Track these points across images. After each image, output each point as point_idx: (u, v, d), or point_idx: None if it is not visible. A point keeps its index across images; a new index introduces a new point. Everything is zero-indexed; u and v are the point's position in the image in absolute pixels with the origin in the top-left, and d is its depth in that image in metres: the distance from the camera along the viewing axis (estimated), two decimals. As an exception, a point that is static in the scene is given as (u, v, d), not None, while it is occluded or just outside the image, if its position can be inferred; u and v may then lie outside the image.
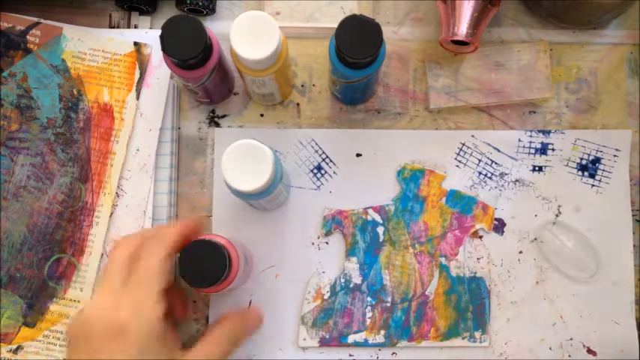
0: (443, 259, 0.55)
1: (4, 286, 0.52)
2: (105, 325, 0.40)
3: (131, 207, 0.54)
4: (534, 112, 0.57)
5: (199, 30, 0.46)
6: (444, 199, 0.55)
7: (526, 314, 0.54)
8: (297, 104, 0.57)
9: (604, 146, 0.56)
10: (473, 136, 0.56)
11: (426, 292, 0.54)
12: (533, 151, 0.56)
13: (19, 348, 0.52)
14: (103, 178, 0.54)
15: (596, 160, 0.56)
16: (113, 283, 0.42)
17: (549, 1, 0.55)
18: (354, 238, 0.55)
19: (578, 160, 0.56)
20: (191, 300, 0.55)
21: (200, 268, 0.44)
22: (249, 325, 0.50)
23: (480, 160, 0.56)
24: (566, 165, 0.56)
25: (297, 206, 0.55)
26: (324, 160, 0.56)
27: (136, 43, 0.55)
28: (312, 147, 0.56)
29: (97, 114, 0.55)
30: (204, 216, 0.56)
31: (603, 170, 0.56)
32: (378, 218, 0.55)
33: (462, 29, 0.51)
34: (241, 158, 0.45)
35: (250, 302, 0.54)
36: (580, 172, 0.56)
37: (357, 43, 0.45)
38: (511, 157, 0.56)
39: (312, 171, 0.56)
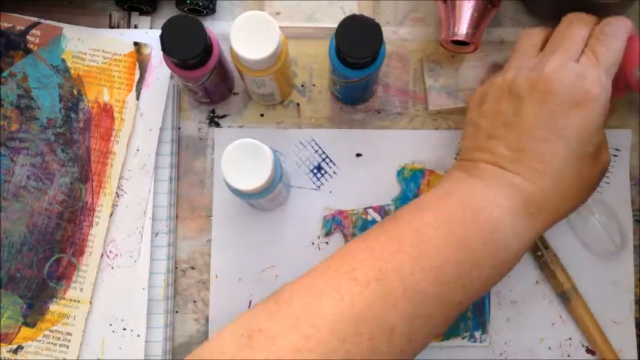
0: (443, 259, 0.55)
1: (4, 286, 0.52)
2: (569, 90, 0.41)
3: (131, 207, 0.54)
4: (534, 112, 0.57)
5: (199, 30, 0.46)
6: (443, 199, 0.55)
7: (526, 314, 0.54)
8: (297, 104, 0.57)
9: (604, 146, 0.56)
10: (473, 136, 0.56)
11: (426, 292, 0.54)
12: (533, 151, 0.56)
13: (19, 348, 0.52)
14: (103, 178, 0.54)
15: (596, 160, 0.56)
16: (561, 51, 0.43)
17: (549, 1, 0.55)
18: (355, 238, 0.55)
19: (578, 160, 0.56)
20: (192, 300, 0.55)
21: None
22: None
23: (479, 160, 0.56)
24: (566, 165, 0.56)
25: (297, 206, 0.55)
26: (324, 160, 0.56)
27: (136, 43, 0.55)
28: (312, 147, 0.56)
29: (97, 114, 0.55)
30: (204, 216, 0.56)
31: (603, 170, 0.56)
32: (378, 218, 0.55)
33: (462, 29, 0.51)
34: (241, 157, 0.45)
35: (250, 302, 0.54)
36: (580, 172, 0.56)
37: (357, 43, 0.45)
38: (511, 157, 0.56)
39: (312, 171, 0.56)
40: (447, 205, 0.42)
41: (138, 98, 0.55)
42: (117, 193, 0.54)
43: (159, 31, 0.46)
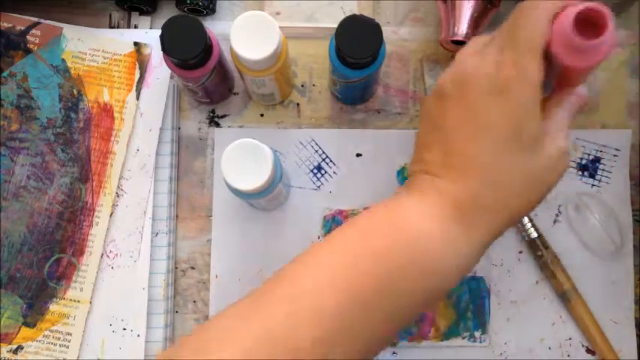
0: (443, 259, 0.54)
1: (4, 286, 0.52)
2: (487, 81, 0.38)
3: (131, 207, 0.54)
4: (534, 112, 0.57)
5: (199, 30, 0.46)
6: (443, 199, 0.55)
7: (526, 314, 0.54)
8: (297, 104, 0.57)
9: (604, 146, 0.56)
10: (473, 136, 0.56)
11: (426, 292, 0.54)
12: (533, 151, 0.56)
13: (19, 348, 0.52)
14: (103, 178, 0.54)
15: (596, 160, 0.56)
16: (491, 44, 0.40)
17: (549, 1, 0.55)
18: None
19: (578, 160, 0.56)
20: (190, 294, 0.55)
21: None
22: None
23: (479, 160, 0.56)
24: (566, 165, 0.56)
25: (297, 206, 0.55)
26: (324, 160, 0.56)
27: (136, 43, 0.55)
28: (312, 147, 0.56)
29: (97, 114, 0.55)
30: (204, 216, 0.56)
31: (603, 170, 0.56)
32: (378, 218, 0.55)
33: (462, 29, 0.51)
34: (241, 157, 0.45)
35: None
36: (580, 172, 0.56)
37: (357, 43, 0.45)
38: (511, 157, 0.56)
39: (312, 171, 0.56)
40: (367, 220, 0.40)
41: (138, 98, 0.55)
42: (117, 193, 0.54)
43: (159, 31, 0.46)
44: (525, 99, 0.37)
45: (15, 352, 0.52)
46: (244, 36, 0.45)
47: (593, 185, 0.56)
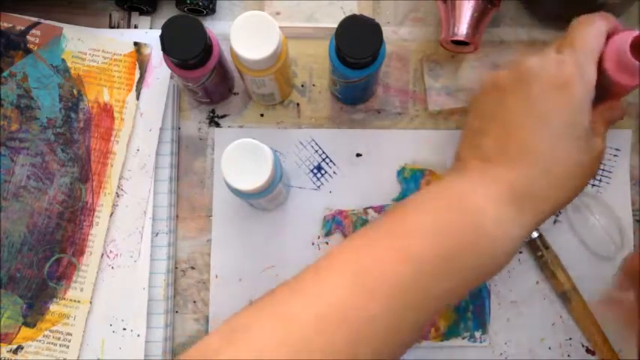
0: (443, 259, 0.54)
1: (4, 286, 0.52)
2: (549, 76, 0.42)
3: (131, 207, 0.54)
4: (534, 112, 0.57)
5: (199, 30, 0.46)
6: (444, 199, 0.55)
7: (526, 314, 0.54)
8: (297, 104, 0.57)
9: (604, 146, 0.56)
10: (473, 136, 0.56)
11: (426, 292, 0.54)
12: (533, 151, 0.56)
13: (19, 348, 0.52)
14: (103, 178, 0.54)
15: (596, 160, 0.56)
16: (550, 48, 0.44)
17: (549, 1, 0.55)
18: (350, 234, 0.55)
19: (578, 160, 0.56)
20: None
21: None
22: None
23: (479, 160, 0.56)
24: (566, 165, 0.56)
25: (297, 206, 0.55)
26: (324, 160, 0.56)
27: (136, 43, 0.55)
28: (312, 147, 0.56)
29: (97, 114, 0.55)
30: (204, 216, 0.56)
31: (603, 170, 0.56)
32: (378, 218, 0.55)
33: (462, 29, 0.51)
34: (241, 157, 0.45)
35: (250, 302, 0.54)
36: (580, 172, 0.56)
37: (357, 43, 0.45)
38: (511, 157, 0.56)
39: (312, 171, 0.56)
40: (422, 201, 0.43)
41: (138, 98, 0.55)
42: (117, 193, 0.54)
43: (159, 31, 0.46)
44: (582, 95, 0.42)
45: (15, 352, 0.52)
46: (244, 36, 0.45)
47: (593, 185, 0.56)
